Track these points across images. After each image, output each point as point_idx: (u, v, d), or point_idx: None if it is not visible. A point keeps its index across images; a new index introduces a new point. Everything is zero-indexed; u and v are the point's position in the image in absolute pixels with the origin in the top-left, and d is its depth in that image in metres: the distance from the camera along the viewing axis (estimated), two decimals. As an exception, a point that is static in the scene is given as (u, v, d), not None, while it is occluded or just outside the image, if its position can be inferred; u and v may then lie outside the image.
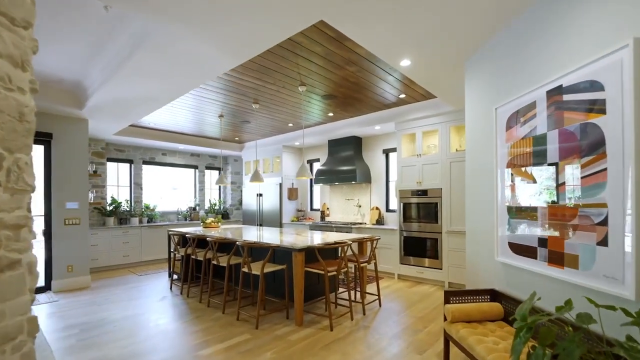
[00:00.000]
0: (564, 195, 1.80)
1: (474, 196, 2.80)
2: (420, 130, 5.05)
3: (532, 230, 2.07)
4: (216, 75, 3.31)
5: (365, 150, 6.46)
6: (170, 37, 2.55)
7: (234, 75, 3.83)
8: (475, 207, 2.78)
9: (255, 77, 3.91)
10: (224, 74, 3.76)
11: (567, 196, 1.78)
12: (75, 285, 4.90)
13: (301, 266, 3.30)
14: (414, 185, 5.13)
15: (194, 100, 4.70)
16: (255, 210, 7.82)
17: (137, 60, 2.96)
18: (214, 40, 2.58)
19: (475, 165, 2.77)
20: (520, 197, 2.19)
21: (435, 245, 4.87)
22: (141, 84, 3.51)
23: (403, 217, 5.24)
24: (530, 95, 2.07)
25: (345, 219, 6.72)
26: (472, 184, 2.83)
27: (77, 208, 4.95)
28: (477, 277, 2.76)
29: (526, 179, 2.13)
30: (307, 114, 5.51)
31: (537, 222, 2.03)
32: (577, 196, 1.71)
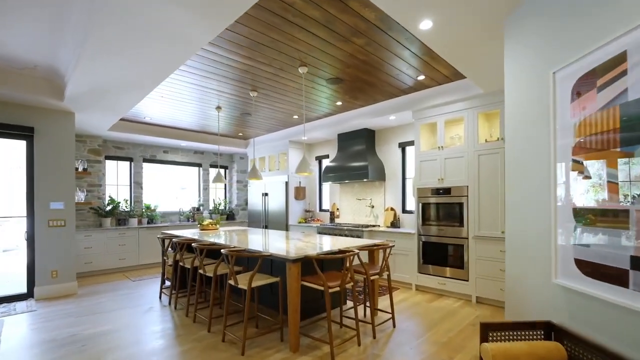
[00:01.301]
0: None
1: (517, 195, 2.12)
2: (442, 119, 4.36)
3: (619, 243, 1.39)
4: (195, 49, 2.76)
5: (379, 144, 5.80)
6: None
7: (222, 55, 3.29)
8: (519, 210, 2.11)
9: (247, 57, 3.35)
10: (210, 53, 3.23)
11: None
12: (60, 293, 4.50)
13: (296, 280, 2.71)
14: (434, 182, 4.44)
15: (186, 89, 4.20)
16: (260, 210, 7.30)
17: (100, 35, 2.46)
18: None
19: (520, 154, 2.10)
20: (595, 195, 1.52)
21: (460, 253, 4.18)
22: (112, 65, 3.01)
23: (422, 219, 4.56)
24: (617, 44, 1.40)
25: (357, 220, 6.08)
26: (514, 179, 2.15)
27: (62, 208, 4.54)
28: (522, 304, 2.09)
29: (607, 169, 1.46)
30: (311, 102, 4.92)
31: (627, 231, 1.35)
32: None
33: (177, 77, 3.86)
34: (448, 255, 4.31)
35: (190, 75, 3.82)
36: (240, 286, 2.80)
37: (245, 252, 2.84)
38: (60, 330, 3.29)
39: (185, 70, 3.67)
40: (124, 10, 2.19)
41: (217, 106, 5.12)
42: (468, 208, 4.11)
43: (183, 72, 3.72)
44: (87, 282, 5.26)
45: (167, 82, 4.01)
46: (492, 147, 3.91)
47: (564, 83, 1.72)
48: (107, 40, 2.58)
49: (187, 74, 3.78)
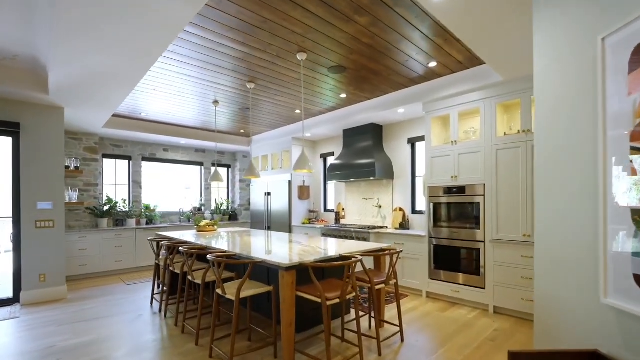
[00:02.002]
0: None
1: (551, 194, 1.76)
2: (456, 111, 3.98)
3: None
4: (176, 29, 2.46)
5: (387, 140, 5.44)
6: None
7: (212, 40, 2.99)
8: (554, 212, 1.74)
9: (240, 42, 3.04)
10: (199, 38, 2.93)
11: None
12: (48, 297, 4.27)
13: (291, 290, 2.39)
14: (447, 180, 4.07)
15: (179, 81, 3.91)
16: (263, 211, 7.01)
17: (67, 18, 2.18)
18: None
19: (554, 146, 1.73)
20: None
21: (476, 258, 3.79)
22: (88, 51, 2.74)
23: (433, 220, 4.19)
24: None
25: (363, 221, 5.73)
26: (547, 176, 1.79)
27: (51, 209, 4.32)
28: (558, 327, 1.72)
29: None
30: (313, 95, 4.59)
31: None
32: None
33: (167, 68, 3.58)
34: (462, 260, 3.93)
35: (182, 65, 3.53)
36: (227, 296, 2.49)
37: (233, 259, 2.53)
38: (38, 341, 3.03)
39: (174, 59, 3.38)
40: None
41: (214, 100, 4.84)
42: (484, 208, 3.72)
43: (172, 61, 3.43)
44: (80, 286, 5.03)
45: (157, 74, 3.74)
46: (511, 141, 3.52)
47: (617, 51, 1.36)
48: (75, 23, 2.30)
49: (178, 64, 3.49)
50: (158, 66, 3.54)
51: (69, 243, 5.37)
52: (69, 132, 5.80)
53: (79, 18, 2.26)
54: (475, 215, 3.81)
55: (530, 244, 3.37)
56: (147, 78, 3.87)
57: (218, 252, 2.98)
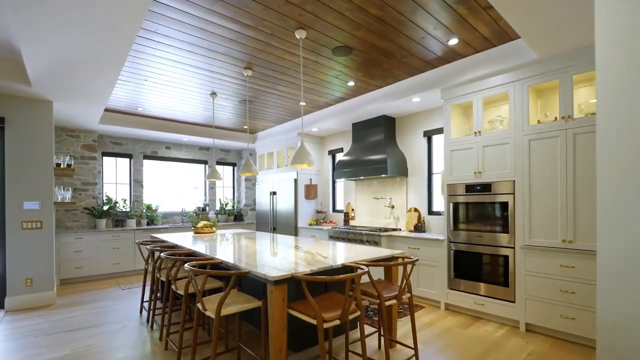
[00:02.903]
0: None
1: (622, 192, 1.26)
2: (480, 97, 3.47)
3: None
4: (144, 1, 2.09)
5: (400, 133, 4.95)
6: None
7: (198, 17, 2.60)
8: (625, 211, 1.25)
9: (229, 18, 2.65)
10: (182, 14, 2.55)
11: None
12: (35, 303, 4.00)
13: (281, 308, 1.97)
14: (469, 177, 3.56)
15: (170, 69, 3.56)
16: (268, 211, 6.63)
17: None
18: None
19: (626, 133, 1.24)
20: None
21: (503, 266, 3.28)
22: (55, 29, 2.40)
23: (453, 222, 3.69)
24: None
25: (374, 222, 5.26)
26: (616, 170, 1.29)
27: (38, 209, 4.05)
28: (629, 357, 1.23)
29: None
30: (316, 83, 4.16)
31: None
32: None
33: (153, 53, 3.23)
34: (487, 269, 3.42)
35: (170, 50, 3.17)
36: (207, 313, 2.10)
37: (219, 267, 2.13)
38: (11, 355, 2.72)
39: (159, 42, 3.02)
40: None
41: (211, 92, 4.48)
42: (515, 209, 3.21)
43: (158, 45, 3.08)
44: (73, 290, 4.77)
45: (144, 61, 3.40)
46: (547, 130, 2.99)
47: None
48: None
49: (165, 47, 3.13)
50: (141, 50, 3.19)
51: (64, 244, 5.13)
52: (66, 129, 5.58)
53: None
54: (502, 217, 3.29)
55: (572, 251, 2.84)
56: (134, 66, 3.54)
57: (202, 259, 2.59)
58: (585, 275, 2.78)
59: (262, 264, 2.29)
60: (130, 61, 3.43)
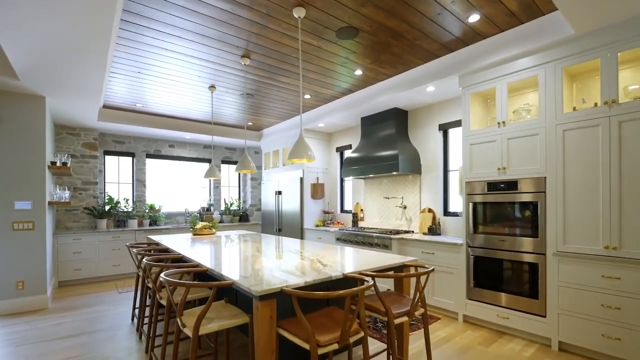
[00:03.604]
0: None
1: None
2: (504, 83, 3.07)
3: None
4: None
5: (413, 127, 4.57)
6: None
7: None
8: None
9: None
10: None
11: None
12: (26, 307, 3.82)
13: (268, 326, 1.65)
14: (491, 173, 3.17)
15: (164, 60, 3.30)
16: (274, 211, 6.33)
17: None
18: None
19: None
20: None
21: (532, 275, 2.87)
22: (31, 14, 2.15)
23: (473, 224, 3.30)
24: None
25: (385, 224, 4.89)
26: None
27: (30, 209, 3.86)
28: None
29: None
30: (322, 73, 3.82)
31: None
32: None
33: (141, 40, 2.96)
34: (512, 278, 3.01)
35: (159, 36, 2.90)
36: (185, 330, 1.80)
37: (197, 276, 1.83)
38: (-20, 368, 2.51)
39: (146, 27, 2.76)
40: None
41: (210, 85, 4.21)
42: (546, 210, 2.80)
43: (145, 30, 2.81)
44: (70, 293, 4.59)
45: (135, 51, 3.15)
46: (586, 118, 2.57)
47: None
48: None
49: (152, 33, 2.86)
50: (129, 37, 2.94)
51: (63, 245, 4.97)
52: (66, 127, 5.43)
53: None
54: (531, 219, 2.88)
55: (617, 260, 2.42)
56: (125, 57, 3.29)
57: (189, 265, 2.30)
58: (633, 289, 2.35)
59: (251, 273, 1.98)
60: (119, 50, 3.18)
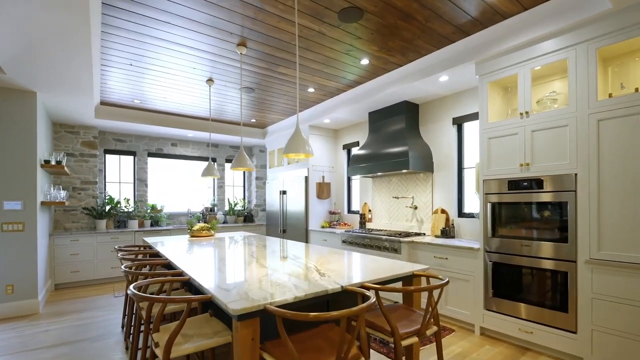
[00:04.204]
0: None
1: None
2: (528, 69, 2.74)
3: None
4: None
5: (424, 122, 4.25)
6: None
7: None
8: None
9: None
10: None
11: None
12: (16, 312, 3.66)
13: (250, 350, 1.38)
14: (513, 170, 2.83)
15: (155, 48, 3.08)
16: (278, 212, 6.09)
17: None
18: None
19: None
20: None
21: (561, 285, 2.54)
22: None
23: (491, 227, 2.97)
24: None
25: (394, 225, 4.58)
26: None
27: (20, 209, 3.70)
28: None
29: None
30: (325, 63, 3.54)
31: None
32: None
33: (127, 27, 2.75)
34: (538, 287, 2.68)
35: (146, 22, 2.68)
36: (157, 352, 1.55)
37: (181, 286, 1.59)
38: (-48, 381, 2.32)
39: (131, 12, 2.53)
40: None
41: (207, 78, 3.99)
42: (577, 211, 2.46)
43: (130, 15, 2.59)
44: (65, 296, 4.43)
45: (123, 40, 2.93)
46: (625, 105, 2.23)
47: None
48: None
49: (137, 18, 2.64)
50: (115, 24, 2.72)
51: (59, 247, 4.82)
52: (65, 125, 5.30)
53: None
54: (559, 222, 2.55)
55: (666, 269, 2.07)
56: (115, 47, 3.09)
57: (164, 274, 2.06)
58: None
59: (234, 285, 1.71)
60: (106, 39, 2.98)
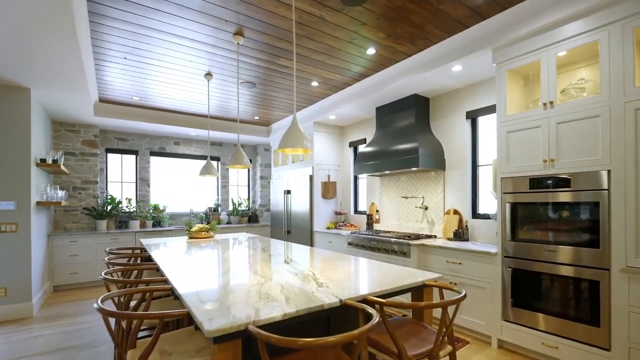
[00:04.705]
0: None
1: None
2: (552, 54, 2.46)
3: None
4: None
5: (436, 116, 3.98)
6: None
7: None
8: None
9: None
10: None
11: None
12: (9, 316, 3.53)
13: (231, 381, 1.17)
14: (535, 167, 2.56)
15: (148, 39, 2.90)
16: (282, 212, 5.88)
17: None
18: None
19: None
20: None
21: (591, 296, 2.25)
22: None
23: (511, 230, 2.69)
24: None
25: (403, 227, 4.32)
26: None
27: (13, 209, 3.58)
28: None
29: None
30: (328, 53, 3.31)
31: None
32: None
33: (113, 16, 2.57)
34: (564, 298, 2.40)
35: (134, 9, 2.49)
36: (127, 375, 1.35)
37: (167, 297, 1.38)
38: None
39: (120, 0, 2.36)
40: None
41: (206, 72, 3.81)
42: (610, 212, 2.17)
43: (118, 2, 2.41)
44: (63, 299, 4.30)
45: (112, 30, 2.76)
46: (670, 92, 1.94)
47: None
48: None
49: (127, 6, 2.46)
50: (102, 12, 2.55)
51: (58, 248, 4.71)
52: (65, 123, 5.19)
53: None
54: (589, 225, 2.26)
55: None
56: (103, 40, 2.92)
57: (155, 281, 1.86)
58: None
59: (218, 297, 1.50)
60: (96, 29, 2.81)
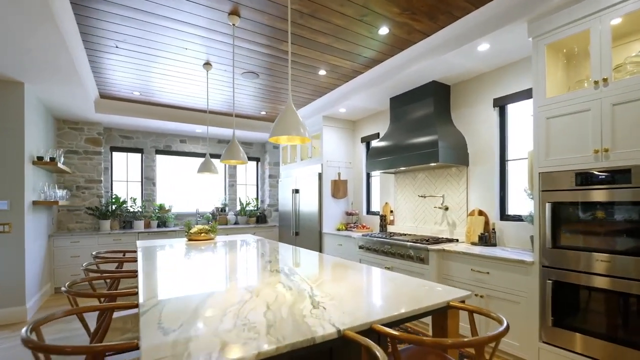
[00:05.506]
0: None
1: None
2: (607, 22, 2.02)
3: None
4: None
5: (457, 106, 3.56)
6: None
7: None
8: None
9: None
10: None
11: None
12: (1, 320, 3.37)
13: None
14: (584, 158, 2.13)
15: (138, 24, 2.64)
16: (290, 212, 5.57)
17: None
18: None
19: None
20: None
21: (660, 317, 1.82)
22: None
23: (551, 235, 2.27)
24: None
25: (420, 229, 3.91)
26: None
27: (7, 209, 3.41)
28: None
29: None
30: (335, 35, 2.96)
31: None
32: None
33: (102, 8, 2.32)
34: (621, 318, 1.97)
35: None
36: None
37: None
38: None
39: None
40: None
41: (205, 62, 3.53)
42: (685, 215, 1.73)
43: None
44: (63, 301, 4.14)
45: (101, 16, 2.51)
46: None
47: None
48: None
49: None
50: None
51: (59, 249, 4.56)
52: (68, 121, 5.06)
53: None
54: (656, 230, 1.83)
55: None
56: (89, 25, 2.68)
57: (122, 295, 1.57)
58: None
59: (180, 323, 1.19)
60: (82, 14, 2.56)
